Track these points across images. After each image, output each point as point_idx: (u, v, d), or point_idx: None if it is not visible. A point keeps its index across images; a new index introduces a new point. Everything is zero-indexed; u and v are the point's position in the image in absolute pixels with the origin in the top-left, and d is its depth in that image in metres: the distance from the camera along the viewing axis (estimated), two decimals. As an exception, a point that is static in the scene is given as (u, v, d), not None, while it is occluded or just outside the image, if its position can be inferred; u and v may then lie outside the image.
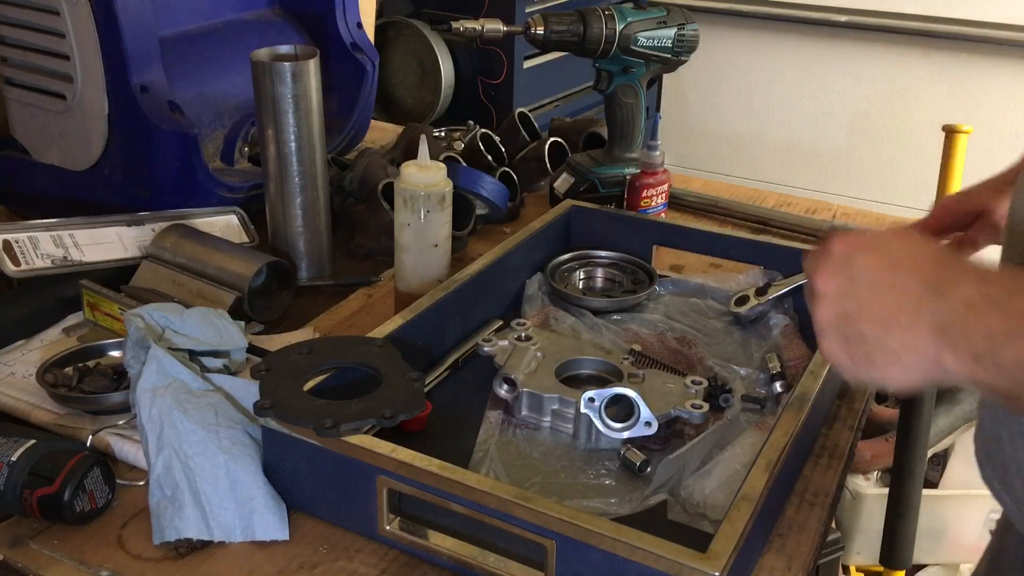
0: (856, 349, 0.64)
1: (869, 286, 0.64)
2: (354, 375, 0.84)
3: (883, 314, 0.63)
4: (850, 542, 1.89)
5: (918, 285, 0.62)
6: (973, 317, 0.59)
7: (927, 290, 0.61)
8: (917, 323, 0.61)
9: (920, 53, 2.85)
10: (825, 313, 0.65)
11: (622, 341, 1.05)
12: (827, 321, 0.65)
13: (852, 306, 0.64)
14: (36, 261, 1.09)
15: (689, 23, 1.33)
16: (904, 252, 0.65)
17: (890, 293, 0.63)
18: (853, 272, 0.65)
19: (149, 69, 1.19)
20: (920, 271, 0.63)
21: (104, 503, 0.79)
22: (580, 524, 0.67)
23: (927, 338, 0.60)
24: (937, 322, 0.60)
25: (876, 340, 0.63)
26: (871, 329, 0.63)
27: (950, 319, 0.60)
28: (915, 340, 0.61)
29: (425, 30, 2.46)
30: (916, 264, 0.64)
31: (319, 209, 1.19)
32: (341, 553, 0.77)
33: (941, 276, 0.62)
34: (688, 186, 1.48)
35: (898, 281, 0.63)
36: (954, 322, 0.59)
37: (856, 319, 0.64)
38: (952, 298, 0.60)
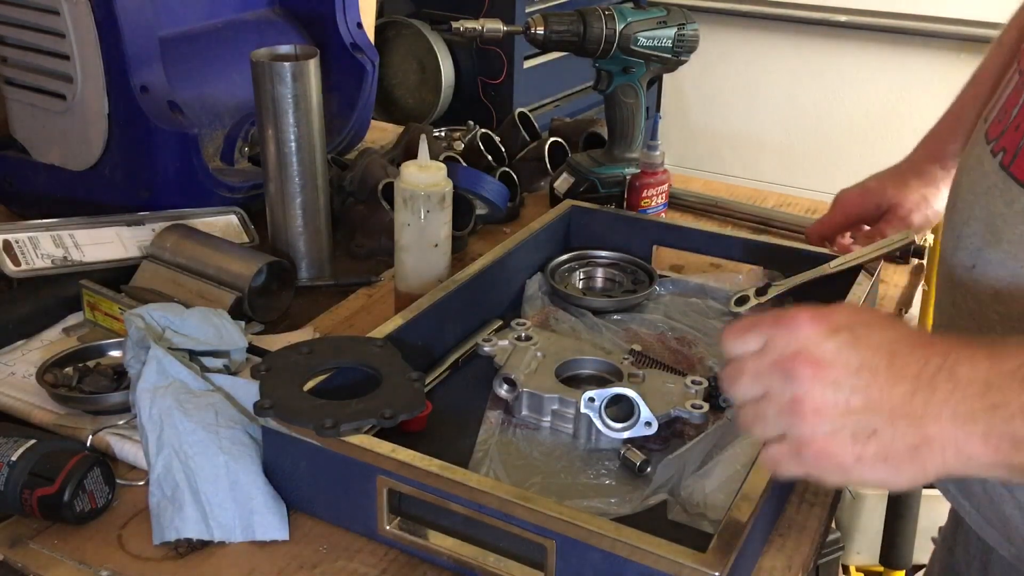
0: (866, 447, 0.55)
1: (869, 372, 0.56)
2: (354, 375, 0.84)
3: (895, 403, 0.55)
4: (850, 542, 1.89)
5: (921, 368, 0.55)
6: (999, 397, 0.53)
7: (935, 372, 0.55)
8: (935, 412, 0.54)
9: (920, 53, 2.85)
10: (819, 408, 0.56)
11: (622, 341, 1.05)
12: (824, 417, 0.56)
13: (856, 397, 0.55)
14: (36, 261, 1.09)
15: (689, 23, 1.33)
16: (883, 334, 0.58)
17: (894, 378, 0.55)
18: (840, 357, 0.56)
19: (149, 69, 1.19)
20: (915, 353, 0.56)
21: (104, 503, 0.79)
22: (580, 524, 0.67)
23: (948, 428, 0.54)
24: (956, 408, 0.54)
25: (892, 434, 0.55)
26: (884, 422, 0.55)
27: (972, 403, 0.54)
28: (934, 432, 0.54)
29: (425, 30, 2.46)
30: (905, 346, 0.57)
31: (319, 209, 1.19)
32: (341, 553, 0.77)
33: (943, 357, 0.56)
34: (688, 186, 1.48)
35: (897, 365, 0.56)
36: (978, 406, 0.54)
37: (863, 411, 0.55)
38: (966, 380, 0.54)
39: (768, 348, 0.58)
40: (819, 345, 0.57)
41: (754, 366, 0.59)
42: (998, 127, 0.75)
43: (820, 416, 0.56)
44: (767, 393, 0.58)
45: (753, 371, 0.59)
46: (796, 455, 0.57)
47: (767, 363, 0.58)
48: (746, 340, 0.60)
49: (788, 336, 0.58)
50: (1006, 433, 0.53)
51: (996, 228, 0.72)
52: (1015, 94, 0.75)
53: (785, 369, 0.57)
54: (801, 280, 1.08)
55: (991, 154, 0.75)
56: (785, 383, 0.57)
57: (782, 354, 0.57)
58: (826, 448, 0.56)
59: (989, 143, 0.76)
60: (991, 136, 0.76)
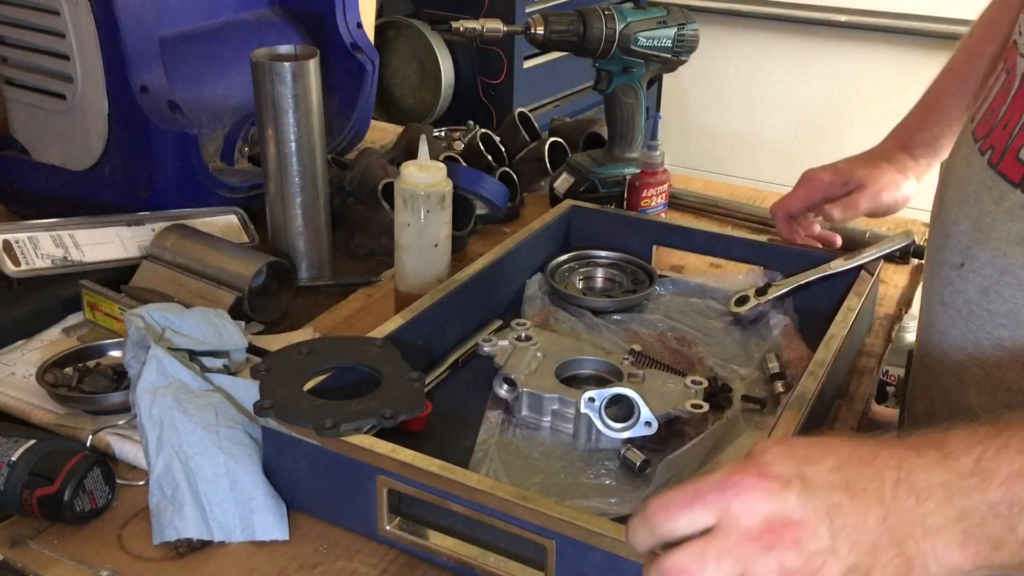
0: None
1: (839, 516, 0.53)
2: (354, 375, 0.84)
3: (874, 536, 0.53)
4: (850, 542, 1.88)
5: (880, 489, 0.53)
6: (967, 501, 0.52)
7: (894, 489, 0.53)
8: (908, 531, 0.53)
9: (920, 53, 2.85)
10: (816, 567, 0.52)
11: (622, 341, 1.05)
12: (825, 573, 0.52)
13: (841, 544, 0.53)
14: (36, 261, 1.09)
15: (689, 23, 1.33)
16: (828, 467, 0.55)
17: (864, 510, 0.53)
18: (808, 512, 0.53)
19: (149, 69, 1.19)
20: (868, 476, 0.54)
21: (104, 503, 0.79)
22: (580, 524, 0.67)
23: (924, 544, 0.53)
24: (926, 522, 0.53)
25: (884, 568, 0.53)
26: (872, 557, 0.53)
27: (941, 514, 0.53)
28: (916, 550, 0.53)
29: (425, 30, 2.46)
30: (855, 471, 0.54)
31: (319, 209, 1.19)
32: (341, 553, 0.77)
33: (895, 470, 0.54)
34: (688, 186, 1.48)
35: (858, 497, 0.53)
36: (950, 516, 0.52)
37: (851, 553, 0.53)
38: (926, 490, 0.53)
39: (726, 525, 0.54)
40: (782, 506, 0.53)
41: (718, 547, 0.53)
42: (985, 126, 0.76)
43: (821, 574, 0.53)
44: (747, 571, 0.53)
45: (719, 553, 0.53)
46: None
47: (734, 542, 0.53)
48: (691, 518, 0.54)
49: (743, 506, 0.53)
50: (982, 537, 0.52)
51: (985, 226, 0.72)
52: (1002, 93, 0.75)
53: (762, 543, 0.53)
54: (801, 280, 1.08)
55: (979, 153, 0.75)
56: (768, 556, 0.53)
57: (748, 528, 0.53)
58: None
59: (977, 142, 0.76)
60: (979, 135, 0.76)
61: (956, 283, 0.75)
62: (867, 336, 1.11)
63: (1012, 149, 0.70)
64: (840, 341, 0.92)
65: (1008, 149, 0.71)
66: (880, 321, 1.15)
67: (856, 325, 0.98)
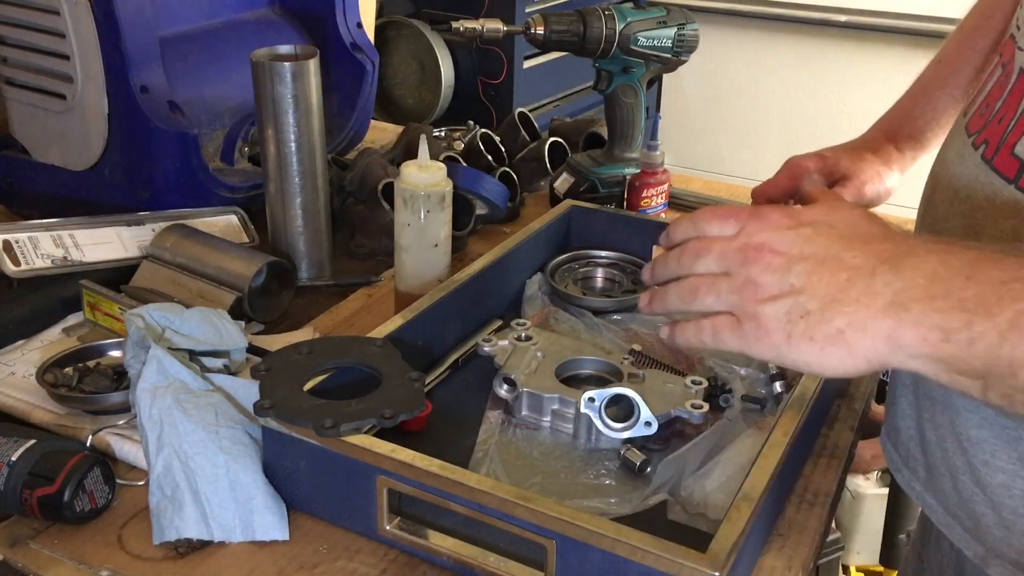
0: (794, 326, 0.59)
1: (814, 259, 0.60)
2: (354, 375, 0.84)
3: (831, 288, 0.59)
4: (850, 542, 1.89)
5: (870, 259, 0.59)
6: (941, 288, 0.55)
7: (880, 264, 0.58)
8: (869, 298, 0.57)
9: (920, 53, 2.84)
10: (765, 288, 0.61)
11: (622, 341, 1.05)
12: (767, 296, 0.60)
13: (799, 281, 0.59)
14: (36, 261, 1.09)
15: (689, 23, 1.33)
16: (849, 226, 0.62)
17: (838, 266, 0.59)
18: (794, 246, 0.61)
19: (149, 69, 1.19)
20: (870, 245, 0.60)
21: (104, 503, 0.79)
22: (580, 524, 0.67)
23: (880, 315, 0.56)
24: (893, 297, 0.56)
25: (820, 316, 0.58)
26: (817, 304, 0.58)
27: (910, 292, 0.56)
28: (866, 318, 0.57)
29: (425, 30, 2.46)
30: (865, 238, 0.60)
31: (319, 209, 1.19)
32: (341, 553, 0.77)
33: (895, 250, 0.59)
34: (688, 186, 1.48)
35: (846, 256, 0.59)
36: (916, 295, 0.56)
37: (800, 293, 0.59)
38: (910, 272, 0.57)
39: (739, 235, 0.63)
40: (781, 236, 0.61)
41: (722, 247, 0.64)
42: (980, 120, 0.75)
43: (764, 295, 0.60)
44: (727, 272, 0.63)
45: (720, 251, 0.64)
46: (737, 328, 0.62)
47: (734, 247, 0.63)
48: (723, 224, 0.65)
49: (758, 226, 0.63)
50: (938, 323, 0.55)
51: (977, 223, 0.71)
52: (998, 87, 0.74)
53: (747, 255, 0.62)
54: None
55: (972, 147, 0.74)
56: (743, 266, 0.62)
57: (748, 242, 0.62)
58: (763, 324, 0.60)
59: (970, 136, 0.75)
60: (972, 129, 0.75)
61: None
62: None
63: (1007, 144, 0.69)
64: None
65: (1003, 144, 0.70)
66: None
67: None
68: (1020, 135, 0.68)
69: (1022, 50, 0.71)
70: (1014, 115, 0.70)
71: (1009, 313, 0.53)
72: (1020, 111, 0.69)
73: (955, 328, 0.54)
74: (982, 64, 0.99)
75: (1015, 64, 0.72)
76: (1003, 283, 0.54)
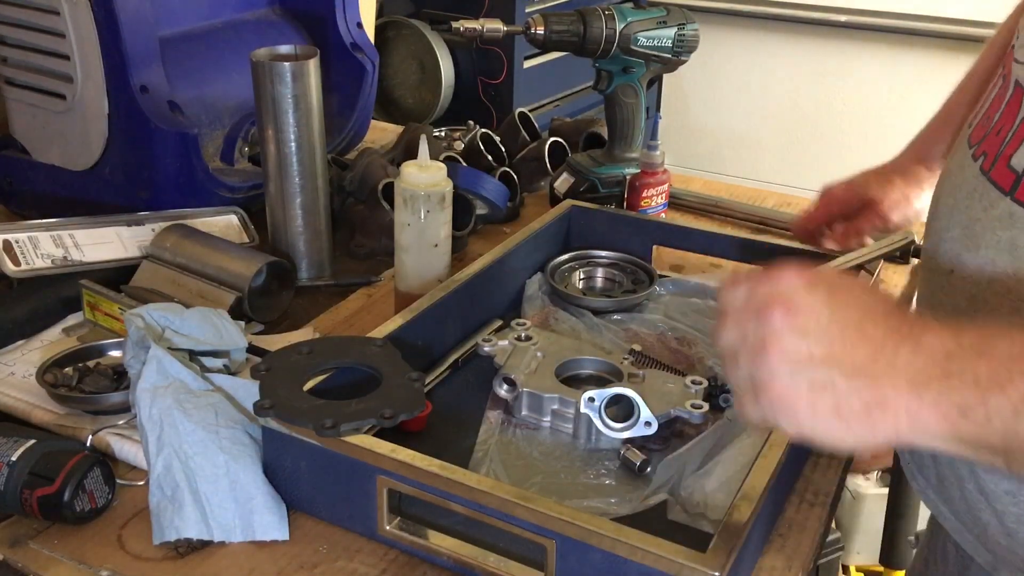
0: (821, 398, 0.55)
1: (838, 327, 0.56)
2: (354, 375, 0.84)
3: (857, 361, 0.56)
4: (850, 542, 1.89)
5: (890, 333, 0.56)
6: (956, 366, 0.54)
7: (902, 339, 0.56)
8: (894, 375, 0.55)
9: (920, 53, 2.85)
10: (783, 351, 0.56)
11: (622, 341, 1.05)
12: (786, 360, 0.56)
13: (820, 348, 0.56)
14: (36, 261, 1.09)
15: (689, 23, 1.33)
16: (858, 298, 0.59)
17: (859, 337, 0.56)
18: (813, 310, 0.57)
19: (149, 69, 1.19)
20: (885, 319, 0.57)
21: (104, 503, 0.79)
22: (580, 524, 0.67)
23: (904, 393, 0.54)
24: (914, 374, 0.55)
25: (848, 389, 0.55)
26: (843, 377, 0.55)
27: (930, 370, 0.54)
28: (891, 395, 0.55)
29: (425, 30, 2.46)
30: (878, 312, 0.58)
31: (319, 209, 1.19)
32: (341, 553, 0.77)
33: (912, 326, 0.57)
34: (688, 186, 1.48)
35: (866, 327, 0.57)
36: (934, 373, 0.54)
37: (824, 363, 0.56)
38: (929, 349, 0.55)
39: (750, 297, 0.60)
40: (795, 294, 0.58)
41: (736, 313, 0.60)
42: (980, 132, 0.75)
43: (782, 359, 0.57)
44: (743, 338, 0.59)
45: (735, 318, 0.60)
46: (756, 398, 0.58)
47: (746, 309, 0.60)
48: (736, 291, 0.62)
49: (769, 285, 0.59)
50: (955, 401, 0.54)
51: (975, 233, 0.72)
52: (997, 99, 0.75)
53: (760, 314, 0.58)
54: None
55: (972, 159, 0.75)
56: (758, 327, 0.58)
57: (760, 300, 0.59)
58: (783, 393, 0.56)
59: (971, 148, 0.76)
60: (973, 141, 0.76)
61: (945, 290, 0.75)
62: (867, 336, 1.11)
63: (1003, 156, 0.70)
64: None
65: (1000, 156, 0.70)
66: (880, 321, 1.15)
67: (856, 325, 0.98)
68: (1016, 147, 0.69)
69: (1020, 63, 0.72)
70: (1011, 128, 0.70)
71: (1022, 388, 0.52)
72: (1017, 124, 0.70)
73: (972, 406, 0.53)
74: None
75: (1013, 76, 0.73)
76: (1013, 358, 0.53)
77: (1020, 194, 0.68)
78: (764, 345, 0.57)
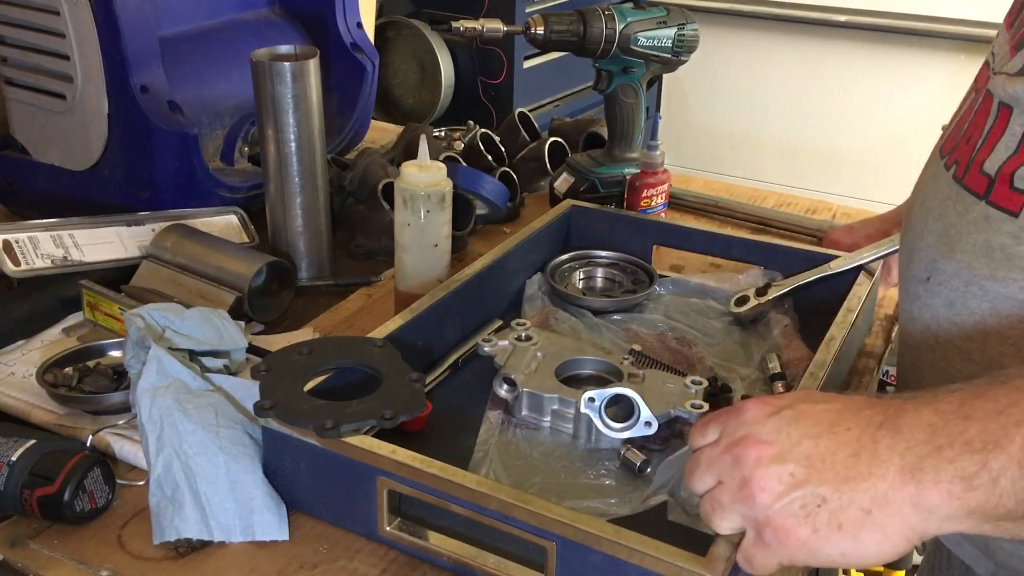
0: (816, 518, 0.54)
1: (811, 442, 0.55)
2: (354, 375, 0.84)
3: (838, 468, 0.54)
4: (850, 542, 1.88)
5: (865, 428, 0.55)
6: (944, 437, 0.52)
7: (877, 430, 0.55)
8: (881, 468, 0.53)
9: (920, 53, 2.85)
10: (766, 485, 0.55)
11: (622, 341, 1.05)
12: (772, 493, 0.55)
13: (799, 469, 0.55)
14: (36, 261, 1.09)
15: (689, 23, 1.33)
16: (824, 408, 0.58)
17: (836, 444, 0.55)
18: (780, 432, 0.57)
19: (149, 69, 1.19)
20: (859, 414, 0.56)
21: (104, 503, 0.79)
22: (580, 526, 0.67)
23: (898, 483, 0.53)
24: (901, 460, 0.53)
25: (840, 500, 0.54)
26: (831, 488, 0.54)
27: (918, 450, 0.53)
28: (886, 490, 0.53)
29: (425, 30, 2.46)
30: (846, 412, 0.57)
31: (319, 209, 1.19)
32: (341, 553, 0.77)
33: (885, 412, 0.56)
34: (688, 186, 1.48)
35: (838, 432, 0.56)
36: (924, 451, 0.53)
37: (807, 481, 0.54)
38: (908, 430, 0.54)
39: (720, 437, 0.60)
40: (762, 426, 0.58)
41: (707, 456, 0.60)
42: (951, 142, 0.76)
43: (767, 493, 0.56)
44: (720, 482, 0.59)
45: (707, 461, 0.60)
46: (759, 540, 0.57)
47: (718, 452, 0.59)
48: (705, 433, 0.61)
49: (735, 423, 0.59)
50: (955, 473, 0.52)
51: (950, 239, 0.72)
52: (968, 110, 0.76)
53: (733, 454, 0.58)
54: (801, 280, 1.08)
55: (944, 168, 0.75)
56: (733, 468, 0.58)
57: (730, 440, 0.59)
58: (781, 524, 0.55)
59: (943, 157, 0.77)
60: (945, 151, 0.77)
61: (923, 298, 0.76)
62: (867, 336, 1.11)
63: (976, 162, 0.71)
64: (840, 341, 0.92)
65: (972, 163, 0.71)
66: (880, 321, 1.15)
67: (856, 325, 0.98)
68: (988, 153, 0.70)
69: (997, 74, 0.72)
70: (981, 135, 0.71)
71: (1019, 440, 0.51)
72: (987, 131, 0.70)
73: (973, 472, 0.51)
74: None
75: (986, 88, 0.73)
76: (1000, 413, 0.52)
77: (995, 196, 0.68)
78: (747, 484, 0.56)
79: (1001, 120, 0.69)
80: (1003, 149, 0.68)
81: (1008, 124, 0.68)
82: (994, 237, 0.68)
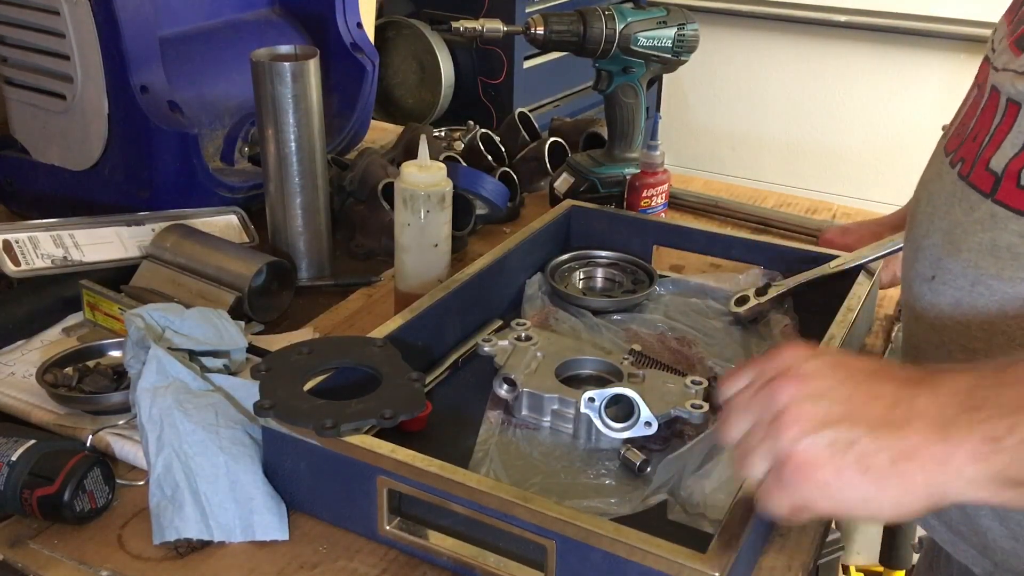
0: (844, 458, 0.54)
1: (850, 386, 0.56)
2: (354, 375, 0.84)
3: (875, 414, 0.54)
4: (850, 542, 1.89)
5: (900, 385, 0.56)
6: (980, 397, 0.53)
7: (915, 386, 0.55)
8: (917, 420, 0.53)
9: (919, 53, 2.85)
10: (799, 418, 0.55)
11: (622, 341, 1.05)
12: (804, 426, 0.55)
13: (836, 408, 0.55)
14: (36, 261, 1.09)
15: (689, 23, 1.33)
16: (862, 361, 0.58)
17: (874, 393, 0.55)
18: (822, 374, 0.57)
19: (149, 69, 1.19)
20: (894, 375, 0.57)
21: (104, 503, 0.79)
22: (580, 525, 0.67)
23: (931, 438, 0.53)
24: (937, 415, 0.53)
25: (872, 445, 0.53)
26: (865, 430, 0.54)
27: (952, 409, 0.53)
28: (918, 443, 0.53)
29: (425, 30, 2.46)
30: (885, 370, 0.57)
31: (319, 209, 1.19)
32: (341, 553, 0.77)
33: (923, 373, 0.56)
34: (688, 186, 1.48)
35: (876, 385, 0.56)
36: (959, 409, 0.53)
37: (843, 421, 0.54)
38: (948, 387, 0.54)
39: (755, 379, 0.59)
40: (802, 363, 0.58)
41: (740, 400, 0.59)
42: (956, 140, 0.76)
43: (798, 426, 0.55)
44: (755, 422, 0.58)
45: (742, 405, 0.59)
46: (779, 478, 0.56)
47: (751, 392, 0.59)
48: (737, 379, 0.61)
49: (772, 364, 0.59)
50: (984, 434, 0.52)
51: (955, 238, 0.72)
52: (973, 107, 0.75)
53: (769, 391, 0.57)
54: (801, 280, 1.08)
55: (950, 166, 0.75)
56: (769, 404, 0.57)
57: (766, 379, 0.58)
58: (805, 459, 0.54)
59: (948, 156, 0.76)
60: (949, 149, 0.77)
61: (928, 297, 0.75)
62: (867, 336, 1.11)
63: (982, 160, 0.70)
64: (840, 341, 0.92)
65: (978, 160, 0.71)
66: (880, 321, 1.15)
67: (856, 325, 0.98)
68: (994, 151, 0.69)
69: (997, 70, 0.72)
70: (987, 132, 0.71)
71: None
72: (993, 128, 0.70)
73: (1002, 434, 0.52)
74: None
75: (988, 83, 0.73)
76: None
77: (1001, 195, 0.68)
78: (778, 418, 0.55)
79: (1008, 117, 0.69)
80: (1009, 146, 0.68)
81: (1016, 121, 0.68)
82: (1000, 236, 0.68)
